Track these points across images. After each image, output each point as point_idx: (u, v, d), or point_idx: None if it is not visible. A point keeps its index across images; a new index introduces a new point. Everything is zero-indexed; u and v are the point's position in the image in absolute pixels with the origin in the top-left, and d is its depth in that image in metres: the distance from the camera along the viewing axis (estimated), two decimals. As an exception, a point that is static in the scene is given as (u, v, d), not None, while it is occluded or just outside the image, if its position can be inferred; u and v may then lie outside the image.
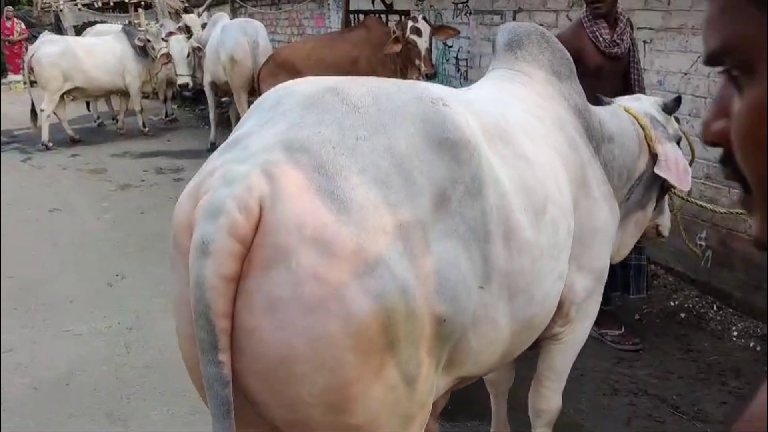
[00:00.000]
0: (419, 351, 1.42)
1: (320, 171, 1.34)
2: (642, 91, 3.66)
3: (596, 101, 2.65)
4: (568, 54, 2.37)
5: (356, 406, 1.37)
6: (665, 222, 2.88)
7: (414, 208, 1.40)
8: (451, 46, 6.50)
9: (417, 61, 5.90)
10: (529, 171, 1.80)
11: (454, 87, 6.57)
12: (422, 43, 5.72)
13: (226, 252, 1.28)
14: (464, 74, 6.37)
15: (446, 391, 1.76)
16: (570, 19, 5.00)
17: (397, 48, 5.90)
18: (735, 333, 3.95)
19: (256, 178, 1.31)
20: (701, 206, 3.28)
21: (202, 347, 1.31)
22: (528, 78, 2.20)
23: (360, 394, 1.36)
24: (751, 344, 3.83)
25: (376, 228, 1.33)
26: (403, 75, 6.20)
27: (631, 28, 3.74)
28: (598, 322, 3.93)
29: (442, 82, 6.78)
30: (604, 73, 3.63)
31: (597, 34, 3.62)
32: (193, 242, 1.30)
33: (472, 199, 1.54)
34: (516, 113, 1.97)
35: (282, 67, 6.51)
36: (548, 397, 2.39)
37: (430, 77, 5.89)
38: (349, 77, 1.62)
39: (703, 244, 4.19)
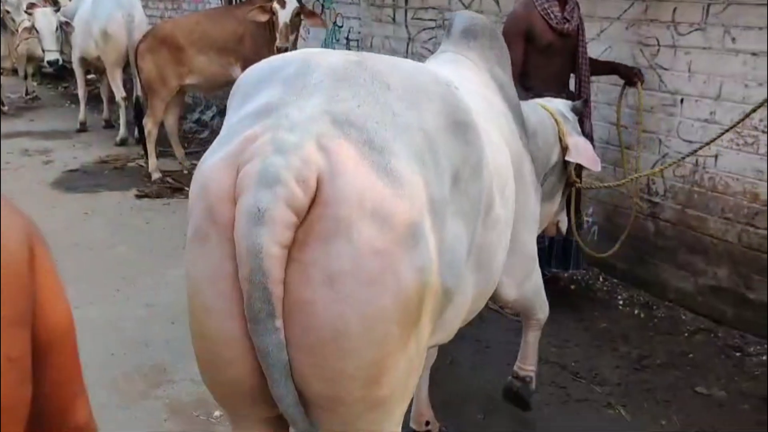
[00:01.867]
0: (430, 323, 1.48)
1: (370, 145, 1.35)
2: (587, 70, 3.81)
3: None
4: (509, 56, 2.58)
5: (387, 379, 1.40)
6: (564, 218, 3.21)
7: (440, 186, 1.46)
8: (341, 26, 6.46)
9: (276, 34, 5.82)
10: (497, 152, 1.93)
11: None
12: (283, 15, 5.65)
13: (282, 221, 1.26)
14: (354, 55, 6.36)
15: None
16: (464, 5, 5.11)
17: (263, 17, 5.81)
18: (620, 302, 4.22)
19: (313, 151, 1.30)
20: (602, 187, 3.53)
21: (258, 317, 1.28)
22: (477, 68, 2.34)
23: (392, 366, 1.39)
24: (636, 311, 4.11)
25: (421, 203, 1.38)
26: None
27: (578, 8, 3.83)
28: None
29: (331, 63, 6.73)
30: (554, 50, 3.75)
31: (549, 11, 3.71)
32: (244, 209, 1.27)
33: (474, 179, 1.62)
34: (478, 99, 2.06)
35: (163, 43, 6.21)
36: (540, 308, 2.80)
37: (282, 50, 5.80)
38: (355, 52, 1.63)
39: (590, 219, 4.44)
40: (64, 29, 7.78)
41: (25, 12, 8.17)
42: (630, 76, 3.90)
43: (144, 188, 6.11)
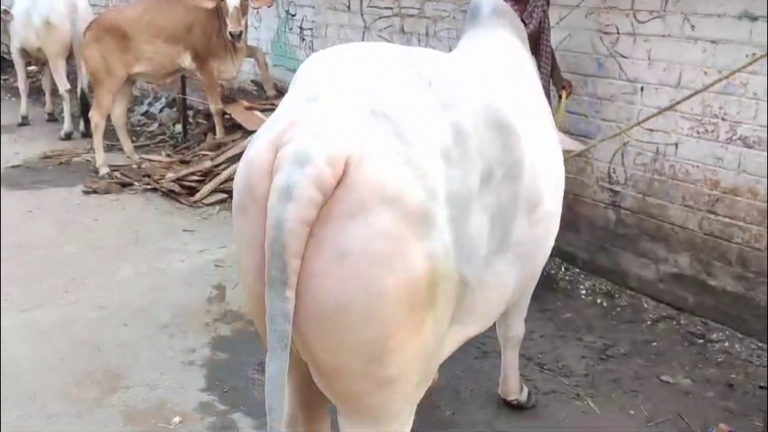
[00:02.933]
0: (449, 311, 1.59)
1: (399, 137, 1.45)
2: (546, 70, 3.76)
3: None
4: None
5: (393, 358, 1.49)
6: None
7: (465, 182, 1.55)
8: (294, 15, 6.31)
9: (226, 20, 5.67)
10: (550, 151, 2.11)
11: (299, 58, 6.46)
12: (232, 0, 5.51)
13: (308, 199, 1.37)
14: (309, 44, 6.21)
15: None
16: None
17: (210, 3, 5.67)
18: (583, 291, 4.21)
19: (344, 137, 1.41)
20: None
21: (272, 283, 1.40)
22: (517, 47, 2.54)
23: (398, 347, 1.48)
24: (598, 300, 4.11)
25: (438, 196, 1.47)
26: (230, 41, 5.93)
27: (541, 8, 3.76)
28: None
29: (285, 53, 6.58)
30: None
31: None
32: (276, 185, 1.39)
33: (509, 181, 1.72)
34: (526, 94, 2.21)
35: (108, 32, 5.97)
36: (515, 326, 2.85)
37: (236, 36, 5.65)
38: (405, 47, 1.77)
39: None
40: (3, 18, 7.43)
41: (-41, 0, 7.78)
42: (558, 84, 3.92)
43: (91, 184, 5.86)
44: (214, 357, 3.43)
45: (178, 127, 7.30)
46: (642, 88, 3.84)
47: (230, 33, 5.53)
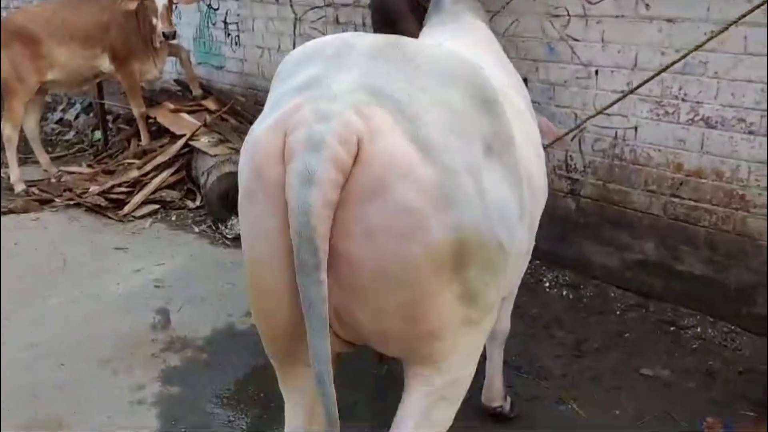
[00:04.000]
0: (485, 273, 1.62)
1: (402, 114, 1.48)
2: None
3: None
4: None
5: (427, 315, 1.57)
6: None
7: (472, 153, 1.59)
8: (217, 9, 5.94)
9: (154, 20, 5.35)
10: (528, 123, 2.21)
11: (224, 55, 6.11)
12: None
13: (330, 181, 1.39)
14: (235, 39, 5.86)
15: None
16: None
17: (131, 4, 5.32)
18: (546, 284, 4.08)
19: (352, 116, 1.43)
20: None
21: (305, 269, 1.41)
22: (482, 31, 2.63)
23: (430, 306, 1.56)
24: (564, 293, 3.99)
25: (452, 168, 1.50)
26: (150, 40, 5.55)
27: None
28: None
29: (209, 50, 6.21)
30: None
31: None
32: (295, 171, 1.40)
33: (507, 150, 1.75)
34: (498, 71, 2.32)
35: (16, 36, 5.47)
36: (502, 319, 2.74)
37: (169, 37, 5.33)
38: (394, 36, 1.74)
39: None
40: None
41: None
42: None
43: (7, 203, 5.36)
44: (167, 392, 3.12)
45: (98, 135, 6.80)
46: (597, 72, 3.71)
47: (163, 33, 5.15)
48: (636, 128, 3.62)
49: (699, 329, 3.54)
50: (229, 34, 5.91)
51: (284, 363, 1.78)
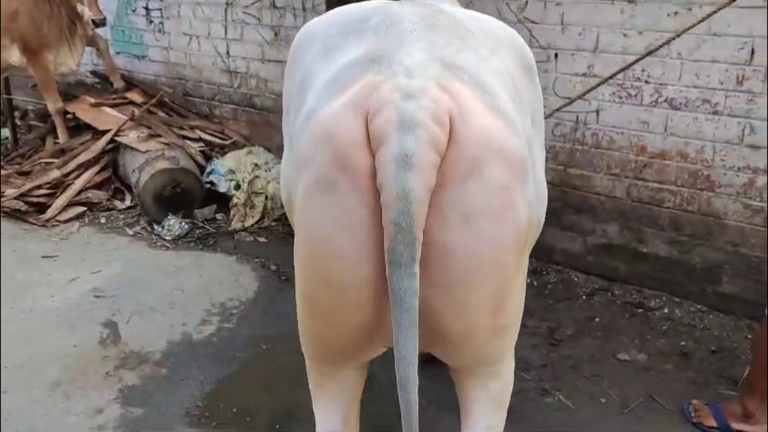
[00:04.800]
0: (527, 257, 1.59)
1: (479, 87, 1.40)
2: None
3: None
4: None
5: (508, 306, 1.50)
6: None
7: (527, 124, 1.54)
8: (138, -6, 5.55)
9: (79, 6, 4.96)
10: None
11: (147, 43, 5.72)
12: None
13: (429, 164, 1.30)
14: (159, 27, 5.49)
15: None
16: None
17: None
18: (509, 272, 4.02)
19: (438, 92, 1.34)
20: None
21: (400, 261, 1.31)
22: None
23: (510, 294, 1.49)
24: (528, 280, 3.92)
25: (525, 140, 1.45)
26: (73, 27, 5.14)
27: None
28: None
29: (128, 39, 5.80)
30: None
31: None
32: (390, 156, 1.30)
33: (542, 119, 1.73)
34: None
35: None
36: None
37: (99, 24, 4.96)
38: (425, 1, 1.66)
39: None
40: None
41: None
42: None
43: None
44: (129, 414, 2.84)
45: (5, 132, 6.24)
46: (556, 55, 3.65)
47: (93, 21, 4.74)
48: (598, 112, 3.60)
49: (666, 310, 3.57)
50: (151, 21, 5.53)
51: (331, 365, 1.69)
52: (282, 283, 3.93)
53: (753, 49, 3.07)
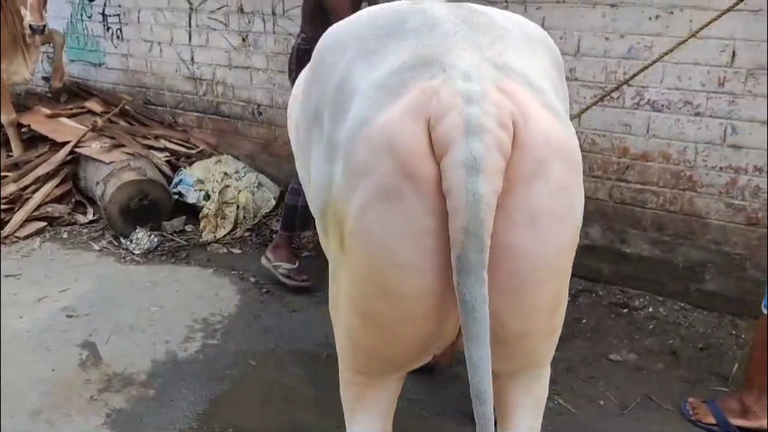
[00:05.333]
0: None
1: (531, 86, 1.39)
2: None
3: None
4: None
5: (561, 307, 1.53)
6: None
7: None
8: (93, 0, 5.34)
9: (23, 10, 4.72)
10: None
11: (104, 51, 5.51)
12: None
13: (496, 168, 1.29)
14: (117, 33, 5.30)
15: None
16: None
17: None
18: (491, 276, 4.02)
19: (498, 95, 1.33)
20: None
21: (469, 268, 1.29)
22: None
23: (564, 295, 1.52)
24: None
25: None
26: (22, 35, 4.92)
27: None
28: (277, 250, 3.83)
29: (84, 46, 5.59)
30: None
31: None
32: (458, 161, 1.28)
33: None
34: None
35: None
36: None
37: (37, 31, 4.73)
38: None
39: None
40: None
41: None
42: None
43: None
44: (120, 441, 2.71)
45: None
46: (536, 59, 3.66)
47: (30, 26, 4.52)
48: (580, 115, 3.62)
49: (651, 309, 3.61)
50: (108, 28, 5.33)
51: (376, 377, 1.64)
52: (263, 295, 3.83)
53: (734, 51, 3.14)
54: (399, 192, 1.34)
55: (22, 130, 5.18)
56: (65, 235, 4.63)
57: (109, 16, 5.29)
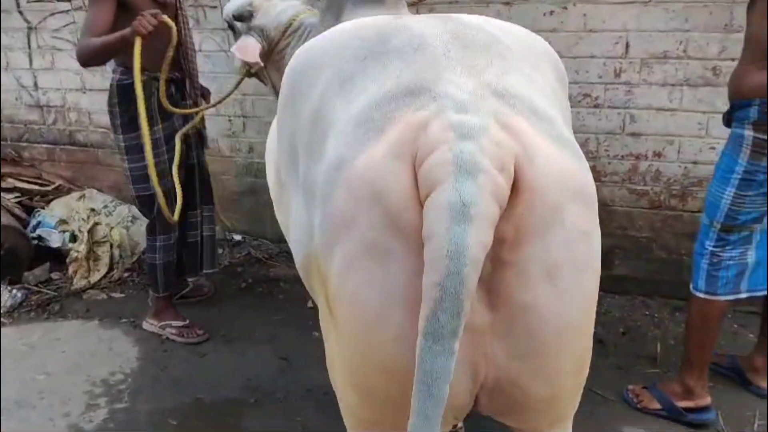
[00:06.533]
0: None
1: (536, 115, 1.21)
2: (193, 47, 3.19)
3: None
4: None
5: (587, 362, 1.35)
6: None
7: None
8: None
9: None
10: None
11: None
12: None
13: (489, 218, 1.08)
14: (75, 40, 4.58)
15: None
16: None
17: None
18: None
19: (499, 132, 1.14)
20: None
21: (437, 333, 1.06)
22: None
23: (590, 350, 1.34)
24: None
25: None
26: None
27: None
28: (159, 314, 3.51)
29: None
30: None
31: None
32: (443, 204, 1.07)
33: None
34: None
35: None
36: None
37: None
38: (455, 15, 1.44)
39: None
40: None
41: None
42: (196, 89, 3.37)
43: None
44: None
45: None
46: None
47: None
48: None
49: (617, 309, 3.63)
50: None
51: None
52: (165, 342, 3.44)
53: (628, 43, 3.23)
54: (386, 249, 1.15)
55: None
56: None
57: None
